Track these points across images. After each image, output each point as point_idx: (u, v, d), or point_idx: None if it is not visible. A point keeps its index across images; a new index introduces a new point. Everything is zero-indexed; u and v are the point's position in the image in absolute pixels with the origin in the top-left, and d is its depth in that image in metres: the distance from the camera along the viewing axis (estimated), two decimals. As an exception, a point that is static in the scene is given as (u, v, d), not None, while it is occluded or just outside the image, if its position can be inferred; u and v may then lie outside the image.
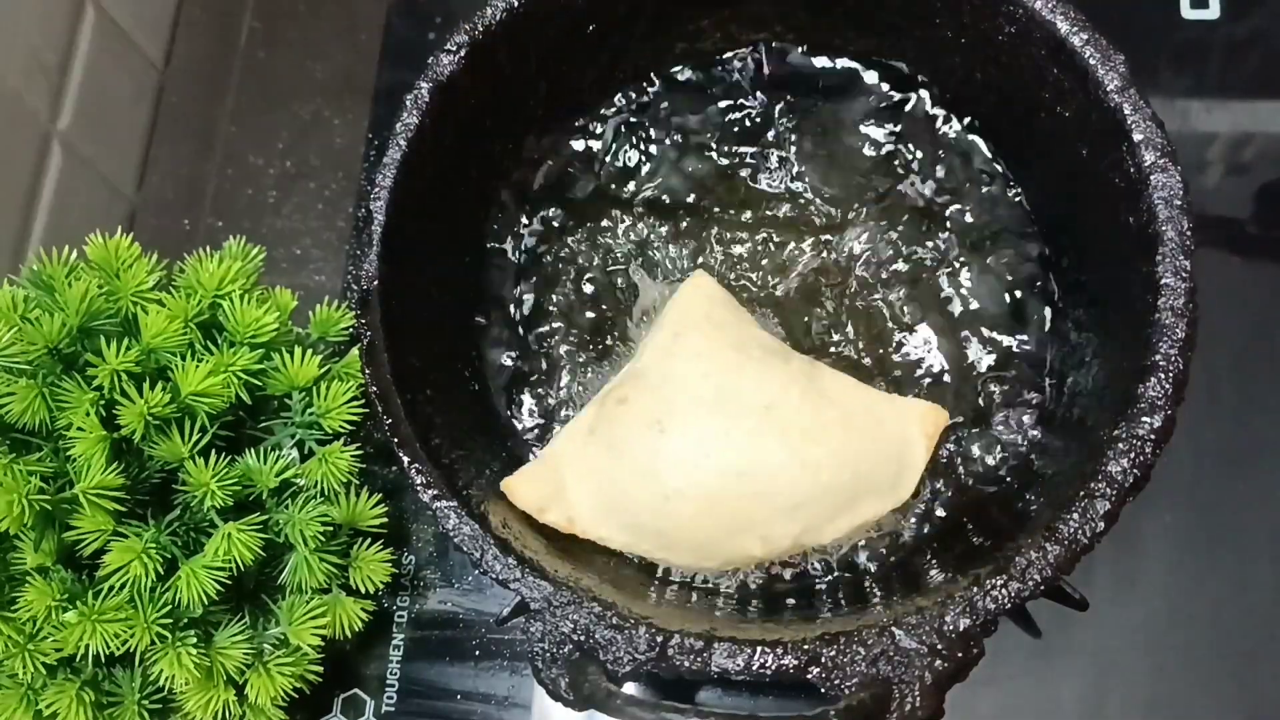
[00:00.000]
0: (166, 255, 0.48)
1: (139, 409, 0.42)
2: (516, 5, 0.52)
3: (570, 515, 0.50)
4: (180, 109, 0.69)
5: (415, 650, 0.55)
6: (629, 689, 0.51)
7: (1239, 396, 0.57)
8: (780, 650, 0.42)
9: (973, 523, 0.51)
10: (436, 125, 0.51)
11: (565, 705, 0.44)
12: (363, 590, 0.49)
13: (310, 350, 0.47)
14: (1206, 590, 0.54)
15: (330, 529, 0.47)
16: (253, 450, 0.46)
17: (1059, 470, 0.49)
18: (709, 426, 0.49)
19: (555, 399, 0.56)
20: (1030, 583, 0.42)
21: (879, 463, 0.50)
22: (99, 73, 0.64)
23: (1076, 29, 0.49)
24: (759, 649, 0.42)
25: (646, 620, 0.43)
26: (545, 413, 0.56)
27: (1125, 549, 0.54)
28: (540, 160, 0.59)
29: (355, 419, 0.47)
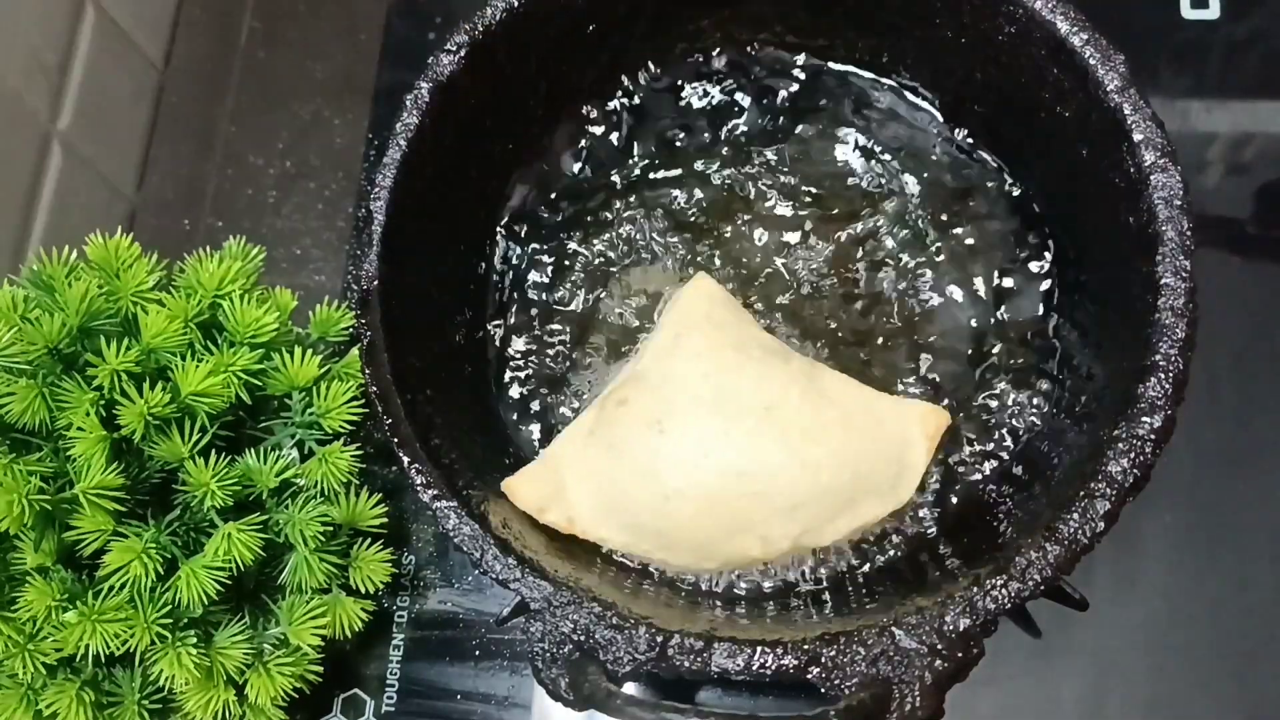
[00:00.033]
0: (166, 255, 0.48)
1: (139, 409, 0.42)
2: (516, 5, 0.52)
3: (570, 515, 0.50)
4: (180, 109, 0.69)
5: (415, 650, 0.55)
6: (629, 689, 0.51)
7: (1239, 396, 0.57)
8: (780, 650, 0.42)
9: (972, 522, 0.51)
10: (436, 125, 0.51)
11: (565, 705, 0.44)
12: (363, 590, 0.49)
13: (310, 350, 0.47)
14: (1206, 590, 0.54)
15: (330, 529, 0.47)
16: (253, 450, 0.46)
17: (1059, 470, 0.49)
18: (708, 426, 0.49)
19: (555, 399, 0.56)
20: (1030, 583, 0.42)
21: (879, 464, 0.50)
22: (99, 73, 0.64)
23: (1076, 29, 0.49)
24: (759, 649, 0.42)
25: (646, 620, 0.43)
26: (545, 413, 0.55)
27: (1125, 549, 0.54)
28: (540, 160, 0.59)
29: (355, 419, 0.47)
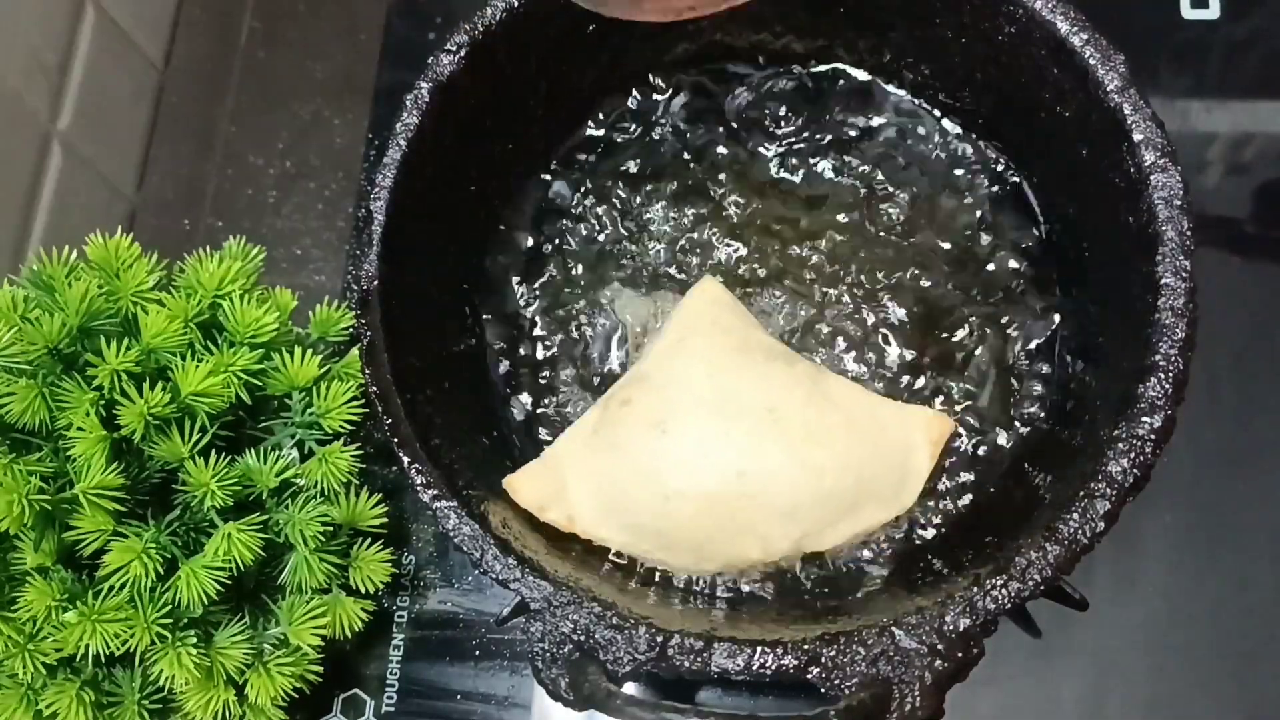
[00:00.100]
0: (166, 255, 0.48)
1: (139, 409, 0.42)
2: (516, 5, 0.52)
3: (570, 514, 0.50)
4: (180, 109, 0.69)
5: (415, 650, 0.55)
6: (629, 689, 0.51)
7: (1239, 396, 0.57)
8: (780, 650, 0.42)
9: (973, 523, 0.51)
10: (436, 125, 0.51)
11: (565, 705, 0.44)
12: (363, 590, 0.49)
13: (310, 350, 0.47)
14: (1206, 590, 0.54)
15: (330, 529, 0.47)
16: (253, 450, 0.46)
17: (1059, 470, 0.49)
18: (710, 427, 0.49)
19: (555, 399, 0.56)
20: (1030, 583, 0.42)
21: (882, 469, 0.50)
22: (99, 73, 0.64)
23: (1076, 29, 0.49)
24: (759, 649, 0.42)
25: (646, 620, 0.43)
26: (545, 412, 0.55)
27: (1125, 549, 0.54)
28: (540, 160, 0.59)
29: (355, 419, 0.47)
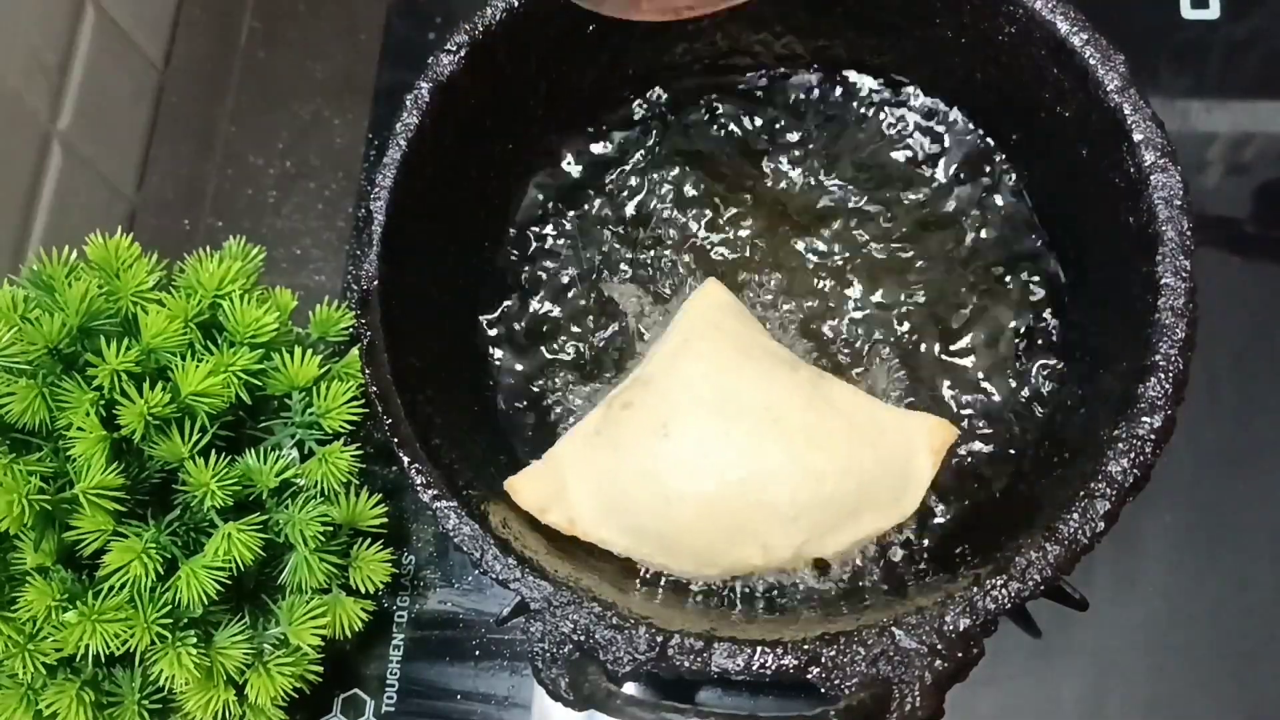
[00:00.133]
0: (166, 255, 0.48)
1: (139, 409, 0.42)
2: (516, 5, 0.52)
3: (571, 516, 0.50)
4: (180, 109, 0.69)
5: (415, 650, 0.55)
6: (629, 689, 0.51)
7: (1239, 396, 0.57)
8: (780, 650, 0.42)
9: (973, 523, 0.51)
10: (436, 125, 0.51)
11: (565, 705, 0.44)
12: (363, 590, 0.49)
13: (310, 350, 0.47)
14: (1206, 590, 0.54)
15: (330, 529, 0.47)
16: (253, 450, 0.46)
17: (1059, 470, 0.49)
18: (711, 429, 0.49)
19: (555, 399, 0.56)
20: (1030, 583, 0.42)
21: (883, 475, 0.49)
22: (99, 73, 0.64)
23: (1076, 29, 0.49)
24: (759, 649, 0.42)
25: (646, 620, 0.43)
26: (546, 413, 0.55)
27: (1125, 549, 0.54)
28: (540, 160, 0.59)
29: (355, 419, 0.47)
